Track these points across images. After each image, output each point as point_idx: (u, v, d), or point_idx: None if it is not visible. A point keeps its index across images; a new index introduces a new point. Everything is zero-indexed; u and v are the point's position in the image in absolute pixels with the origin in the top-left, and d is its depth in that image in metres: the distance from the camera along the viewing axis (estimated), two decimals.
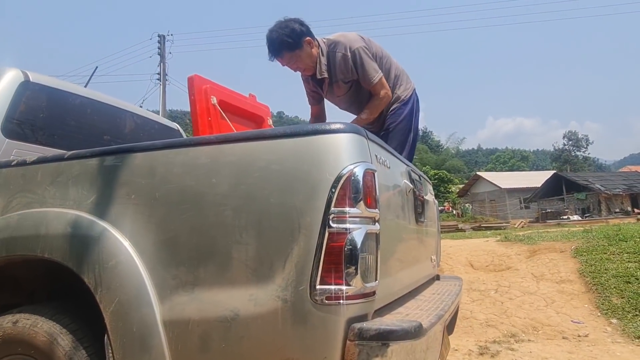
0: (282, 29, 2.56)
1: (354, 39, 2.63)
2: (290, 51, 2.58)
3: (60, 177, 1.64)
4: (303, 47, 2.58)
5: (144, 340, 1.36)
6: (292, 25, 2.57)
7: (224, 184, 1.39)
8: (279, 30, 2.56)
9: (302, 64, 2.65)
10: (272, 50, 2.60)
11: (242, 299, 1.30)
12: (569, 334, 4.32)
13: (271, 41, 2.59)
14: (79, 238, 1.48)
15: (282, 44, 2.56)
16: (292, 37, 2.55)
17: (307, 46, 2.60)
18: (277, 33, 2.56)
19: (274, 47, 2.59)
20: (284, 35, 2.55)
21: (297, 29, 2.56)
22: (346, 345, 1.22)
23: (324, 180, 1.29)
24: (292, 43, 2.55)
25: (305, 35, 2.58)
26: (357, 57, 2.58)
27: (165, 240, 1.42)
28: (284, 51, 2.59)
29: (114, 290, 1.40)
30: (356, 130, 1.38)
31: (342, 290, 1.23)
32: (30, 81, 2.20)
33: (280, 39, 2.56)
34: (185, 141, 1.53)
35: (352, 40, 2.62)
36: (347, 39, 2.63)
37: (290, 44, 2.55)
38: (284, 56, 2.60)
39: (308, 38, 2.59)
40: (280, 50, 2.59)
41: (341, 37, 2.65)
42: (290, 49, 2.57)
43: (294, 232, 1.28)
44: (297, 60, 2.63)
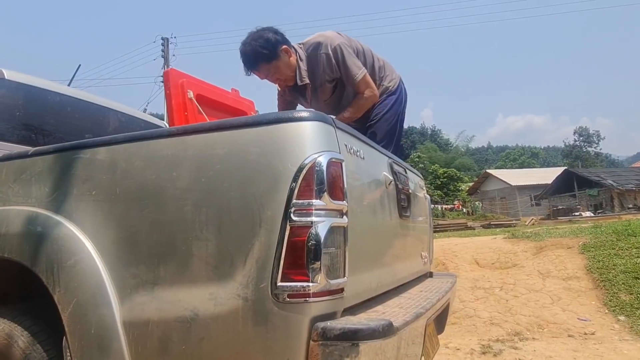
0: (256, 40, 2.41)
1: (333, 37, 2.50)
2: (267, 62, 2.43)
3: (24, 174, 1.59)
4: (280, 56, 2.43)
5: (103, 343, 1.29)
6: (265, 35, 2.42)
7: (185, 177, 1.32)
8: (252, 42, 2.41)
9: (281, 74, 2.50)
10: (248, 64, 2.46)
11: (202, 298, 1.23)
12: (574, 331, 4.19)
13: (245, 55, 2.44)
14: (38, 236, 1.43)
15: (258, 56, 2.42)
16: (267, 48, 2.40)
17: (285, 55, 2.45)
18: (251, 45, 2.41)
19: (250, 60, 2.45)
20: (258, 46, 2.39)
21: (271, 38, 2.41)
22: (310, 346, 1.14)
23: (285, 171, 1.21)
24: (268, 54, 2.40)
25: (281, 44, 2.43)
26: (338, 53, 2.45)
27: (126, 237, 1.36)
28: (260, 63, 2.44)
29: (73, 291, 1.34)
30: (322, 118, 1.30)
31: (305, 287, 1.16)
32: (5, 79, 2.16)
33: (255, 51, 2.41)
34: (147, 134, 1.46)
35: (332, 38, 2.49)
36: (327, 38, 2.49)
37: (266, 55, 2.40)
38: (260, 69, 2.46)
39: (284, 46, 2.44)
40: (256, 63, 2.45)
41: (320, 38, 2.51)
42: (267, 60, 2.42)
43: (255, 227, 1.21)
44: (275, 72, 2.48)
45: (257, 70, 2.46)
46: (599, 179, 30.16)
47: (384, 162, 1.79)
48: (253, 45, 2.39)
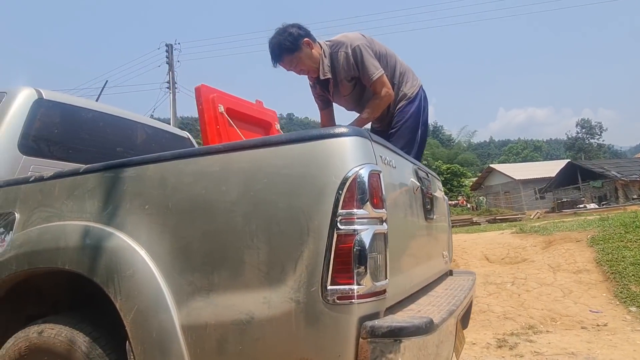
0: (280, 35, 2.65)
1: (355, 37, 2.67)
2: (289, 54, 2.66)
3: (77, 191, 1.70)
4: (302, 48, 2.65)
5: (164, 345, 1.40)
6: (289, 30, 2.65)
7: (234, 191, 1.43)
8: (277, 36, 2.66)
9: (303, 65, 2.71)
10: (274, 56, 2.69)
11: (256, 302, 1.33)
12: (587, 323, 4.29)
13: (272, 47, 2.68)
14: (97, 249, 1.54)
15: (282, 49, 2.65)
16: (289, 41, 2.63)
17: (306, 47, 2.67)
18: (276, 39, 2.66)
19: (275, 52, 2.68)
20: (282, 39, 2.64)
21: (294, 32, 2.64)
22: (359, 343, 1.25)
23: (330, 183, 1.32)
24: (291, 46, 2.64)
25: (303, 37, 2.65)
26: (357, 53, 2.62)
27: (180, 247, 1.47)
28: (283, 55, 2.67)
29: (133, 298, 1.45)
30: (360, 133, 1.41)
31: (352, 290, 1.26)
32: (44, 98, 2.28)
33: (279, 44, 2.65)
34: (195, 151, 1.57)
35: (353, 38, 2.67)
36: (349, 38, 2.67)
37: (288, 47, 2.64)
38: (284, 60, 2.69)
39: (306, 39, 2.66)
40: (280, 54, 2.68)
41: (343, 37, 2.70)
42: (290, 52, 2.65)
43: (303, 235, 1.31)
44: (298, 63, 2.69)
45: (282, 61, 2.69)
46: (603, 171, 30.17)
47: (410, 169, 1.90)
48: (278, 39, 2.65)
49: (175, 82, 20.27)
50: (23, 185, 1.84)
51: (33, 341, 1.60)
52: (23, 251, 1.68)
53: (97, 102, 2.69)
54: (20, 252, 1.68)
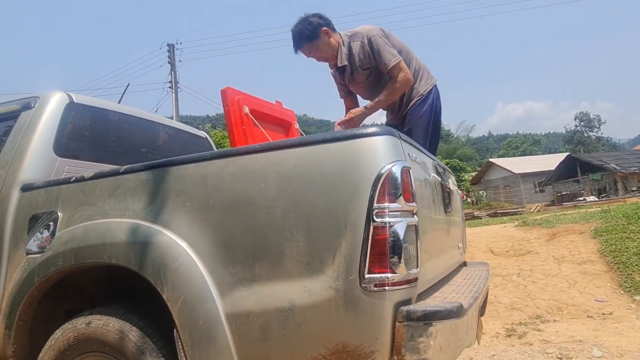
0: (301, 23, 2.82)
1: (372, 29, 2.81)
2: (308, 42, 2.83)
3: (118, 190, 1.80)
4: (320, 37, 2.81)
5: (210, 333, 1.51)
6: (310, 19, 2.82)
7: (272, 188, 1.53)
8: (298, 25, 2.83)
9: (322, 53, 2.88)
10: (295, 42, 2.86)
11: (297, 290, 1.44)
12: (593, 312, 4.41)
13: (293, 35, 2.84)
14: (142, 244, 1.64)
15: (302, 36, 2.82)
16: (309, 29, 2.80)
17: (325, 36, 2.82)
18: (297, 27, 2.83)
19: (296, 39, 2.85)
20: (303, 27, 2.81)
21: (314, 21, 2.81)
22: (395, 327, 1.36)
23: (365, 179, 1.42)
24: (310, 34, 2.80)
25: (322, 26, 2.80)
26: (373, 43, 2.75)
27: (222, 241, 1.57)
28: (303, 42, 2.83)
29: (179, 290, 1.55)
30: (390, 132, 1.51)
31: (388, 278, 1.37)
32: (75, 102, 2.37)
33: (299, 32, 2.82)
34: (233, 151, 1.67)
35: (370, 29, 2.81)
36: (366, 29, 2.82)
37: (308, 35, 2.80)
38: (304, 47, 2.85)
39: (325, 28, 2.81)
40: (300, 42, 2.84)
41: (361, 29, 2.85)
42: (309, 39, 2.82)
43: (341, 228, 1.42)
44: (316, 50, 2.86)
45: (302, 48, 2.87)
46: (602, 163, 30.28)
47: (431, 164, 2.00)
48: (298, 27, 2.83)
49: (177, 82, 20.35)
50: (64, 185, 1.94)
51: (81, 332, 1.70)
52: (69, 247, 1.78)
53: (122, 105, 2.78)
54: (66, 249, 1.78)
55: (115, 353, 1.66)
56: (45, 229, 1.91)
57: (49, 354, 1.77)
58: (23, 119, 2.24)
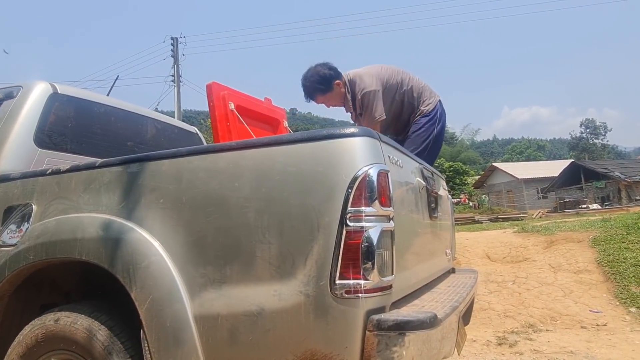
0: (313, 77, 2.94)
1: (369, 83, 2.90)
2: (322, 94, 2.99)
3: (93, 184, 1.75)
4: (333, 89, 2.97)
5: (177, 335, 1.46)
6: (321, 72, 2.93)
7: (246, 187, 1.48)
8: (310, 79, 2.96)
9: (334, 102, 3.05)
10: (307, 94, 3.02)
11: (267, 294, 1.39)
12: (587, 323, 4.34)
13: (305, 87, 2.99)
14: (113, 241, 1.59)
15: (316, 90, 2.97)
16: (323, 84, 2.94)
17: (337, 88, 2.97)
18: (309, 81, 2.96)
19: (309, 92, 3.01)
20: (316, 82, 2.94)
21: (327, 74, 2.93)
22: (366, 336, 1.30)
23: (340, 181, 1.37)
24: (324, 88, 2.96)
25: (334, 79, 2.95)
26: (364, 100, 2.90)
27: (193, 241, 1.52)
28: (316, 95, 3.00)
29: (148, 289, 1.50)
30: (369, 133, 1.46)
31: (360, 285, 1.32)
32: (59, 93, 2.32)
33: (313, 87, 2.97)
34: (209, 148, 1.63)
35: (366, 82, 2.92)
36: (362, 81, 2.93)
37: (322, 89, 2.96)
38: (317, 99, 3.02)
39: (337, 81, 2.96)
40: (313, 95, 3.01)
41: (357, 78, 2.96)
42: (323, 92, 2.98)
43: (314, 231, 1.37)
44: (329, 100, 3.03)
45: (314, 100, 3.05)
46: (606, 171, 30.11)
47: (416, 168, 1.95)
48: (311, 81, 2.96)
49: (180, 76, 20.32)
50: (40, 177, 1.90)
51: (50, 328, 1.66)
52: (41, 241, 1.73)
53: (109, 97, 2.74)
54: (38, 243, 1.74)
55: (83, 352, 1.61)
56: (19, 222, 1.87)
57: (17, 350, 1.73)
58: (4, 108, 2.20)
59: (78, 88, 2.52)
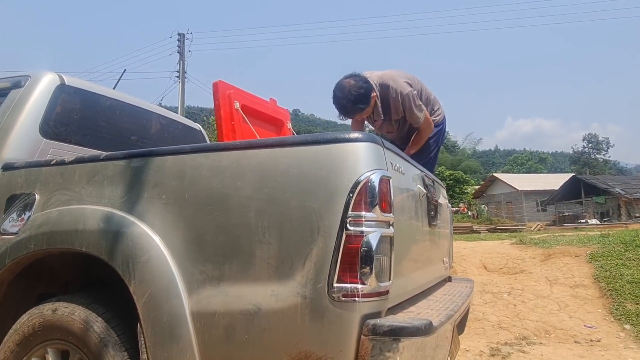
0: (352, 95, 2.72)
1: (402, 85, 2.83)
2: (362, 113, 2.83)
3: (97, 177, 1.76)
4: (371, 104, 2.81)
5: (174, 330, 1.47)
6: (359, 90, 2.72)
7: (248, 187, 1.49)
8: (348, 97, 2.72)
9: (367, 114, 2.89)
10: (345, 113, 2.82)
11: (265, 294, 1.40)
12: (581, 338, 4.34)
13: (343, 108, 2.78)
14: (114, 234, 1.60)
15: (357, 110, 2.79)
16: (364, 102, 2.75)
17: (373, 101, 2.81)
18: (348, 100, 2.73)
19: (347, 112, 2.81)
20: (358, 102, 2.74)
21: (364, 91, 2.73)
22: (360, 340, 1.31)
23: (342, 185, 1.38)
24: (364, 107, 2.78)
25: (371, 92, 2.76)
26: (406, 102, 2.83)
27: (193, 237, 1.53)
28: (357, 114, 2.83)
29: (146, 283, 1.52)
30: (373, 139, 1.47)
31: (357, 289, 1.33)
32: (66, 84, 2.34)
33: (354, 107, 2.76)
34: (213, 146, 1.64)
35: (402, 86, 2.83)
36: (396, 83, 2.83)
37: (362, 108, 2.78)
38: (356, 117, 2.87)
39: (374, 94, 2.79)
40: (353, 114, 2.84)
41: (390, 81, 2.83)
42: (362, 110, 2.81)
43: (314, 234, 1.38)
44: (365, 114, 2.87)
45: (353, 118, 2.88)
46: (607, 187, 30.09)
47: (417, 175, 1.96)
48: (350, 100, 2.73)
49: (185, 72, 20.38)
50: (44, 167, 1.91)
51: (47, 318, 1.67)
52: (42, 231, 1.74)
53: (115, 91, 2.75)
54: (39, 232, 1.75)
55: (78, 343, 1.62)
56: (22, 211, 1.88)
57: (14, 337, 1.74)
58: (12, 97, 2.21)
59: (85, 80, 2.54)
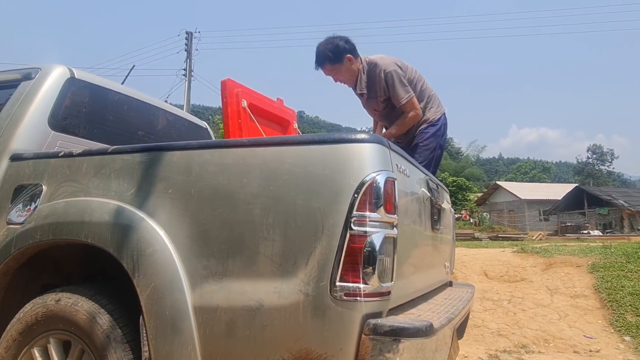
0: (327, 44, 2.90)
1: (389, 62, 2.89)
2: (331, 64, 2.92)
3: (104, 170, 1.78)
4: (343, 62, 2.90)
5: (176, 324, 1.48)
6: (336, 42, 2.90)
7: (254, 184, 1.50)
8: (324, 45, 2.91)
9: (341, 76, 2.99)
10: (317, 60, 2.95)
11: (267, 290, 1.41)
12: (580, 348, 4.33)
13: (317, 53, 2.94)
14: (120, 227, 1.62)
15: (325, 57, 2.91)
16: (334, 52, 2.88)
17: (347, 62, 2.91)
18: (323, 47, 2.91)
19: (318, 58, 2.94)
20: (327, 49, 2.89)
21: (340, 45, 2.89)
22: (361, 339, 1.32)
23: (347, 185, 1.39)
24: (334, 57, 2.89)
25: (347, 52, 2.88)
26: (389, 78, 2.86)
27: (198, 233, 1.54)
28: (325, 63, 2.93)
29: (150, 276, 1.53)
30: (379, 140, 1.48)
31: (359, 288, 1.34)
32: (75, 78, 2.36)
33: (324, 52, 2.90)
34: (220, 142, 1.65)
35: (388, 63, 2.89)
36: (384, 62, 2.90)
37: (331, 58, 2.89)
38: (325, 68, 2.95)
39: (349, 55, 2.89)
40: (322, 62, 2.94)
41: (378, 59, 2.93)
42: (332, 62, 2.91)
43: (318, 232, 1.39)
44: (337, 73, 2.96)
45: (323, 67, 2.94)
46: (610, 198, 29.99)
47: (422, 179, 1.97)
48: (324, 47, 2.91)
49: (192, 70, 20.45)
50: (52, 159, 1.93)
51: (50, 308, 1.69)
52: (48, 222, 1.76)
53: (124, 86, 2.78)
54: (45, 223, 1.77)
55: (81, 334, 1.63)
56: (29, 201, 1.89)
57: (17, 326, 1.75)
58: (22, 89, 2.23)
59: (95, 75, 2.56)
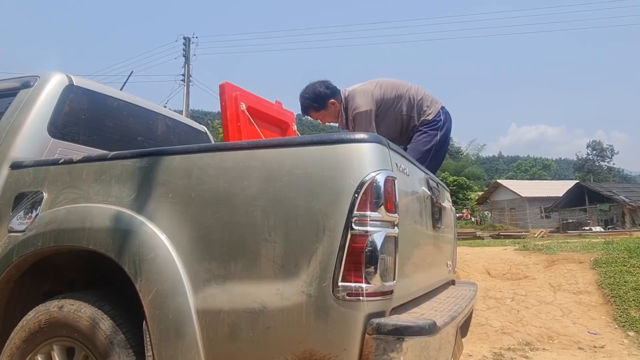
0: (309, 94, 3.03)
1: (361, 103, 2.93)
2: (316, 111, 3.08)
3: (104, 176, 1.78)
4: (327, 107, 3.04)
5: (179, 327, 1.48)
6: (317, 90, 3.01)
7: (255, 186, 1.50)
8: (305, 95, 3.05)
9: (328, 119, 3.15)
10: (302, 110, 3.13)
11: (270, 292, 1.41)
12: (584, 344, 4.32)
13: (301, 103, 3.08)
14: (121, 232, 1.62)
15: (309, 107, 3.07)
16: (317, 101, 3.02)
17: (332, 106, 3.05)
18: (304, 98, 3.05)
19: (304, 107, 3.10)
20: (310, 100, 3.03)
21: (322, 92, 3.01)
22: (365, 339, 1.32)
23: (347, 185, 1.39)
24: (317, 106, 3.04)
25: (328, 98, 3.01)
26: (356, 119, 2.95)
27: (200, 236, 1.54)
28: (310, 111, 3.09)
29: (153, 281, 1.53)
30: (378, 140, 1.49)
31: (362, 288, 1.34)
32: (74, 85, 2.37)
33: (307, 104, 3.06)
34: (220, 146, 1.66)
35: (359, 104, 2.94)
36: (357, 101, 2.95)
37: (315, 107, 3.05)
38: (311, 115, 3.13)
39: (332, 100, 3.02)
40: (307, 110, 3.10)
41: (355, 95, 2.99)
42: (316, 110, 3.07)
43: (319, 233, 1.39)
44: (323, 117, 3.12)
45: (309, 115, 3.15)
46: (611, 194, 29.97)
47: (422, 177, 1.97)
48: (306, 98, 3.05)
49: (190, 76, 20.47)
50: (52, 166, 1.93)
51: (53, 315, 1.69)
52: (50, 229, 1.76)
53: (123, 92, 2.78)
54: (46, 230, 1.77)
55: (84, 340, 1.63)
56: (30, 209, 1.90)
57: (20, 334, 1.75)
58: (21, 97, 2.24)
59: (94, 81, 2.57)
